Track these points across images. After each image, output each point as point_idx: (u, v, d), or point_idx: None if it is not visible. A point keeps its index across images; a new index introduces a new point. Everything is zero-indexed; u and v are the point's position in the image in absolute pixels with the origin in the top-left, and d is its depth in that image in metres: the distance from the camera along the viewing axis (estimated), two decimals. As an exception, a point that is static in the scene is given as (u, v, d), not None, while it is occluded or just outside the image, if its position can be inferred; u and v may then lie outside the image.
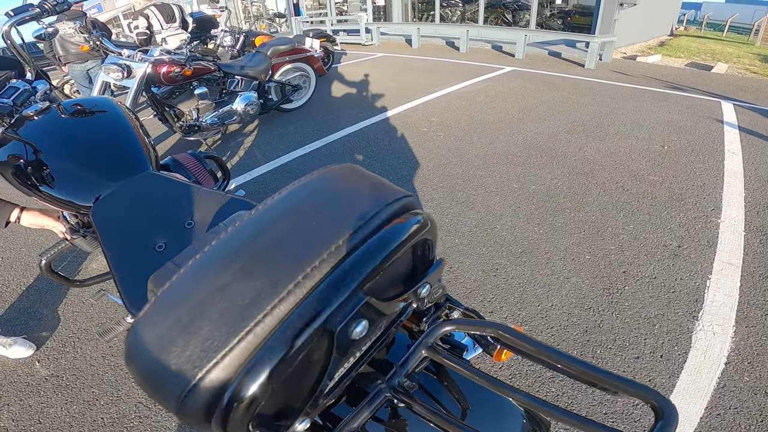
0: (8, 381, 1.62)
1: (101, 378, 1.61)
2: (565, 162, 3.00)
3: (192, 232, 0.97)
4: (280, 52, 3.71)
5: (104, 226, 0.99)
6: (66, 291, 2.06)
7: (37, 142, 1.16)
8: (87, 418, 1.47)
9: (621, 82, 5.12)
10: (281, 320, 0.34)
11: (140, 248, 0.94)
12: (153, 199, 1.07)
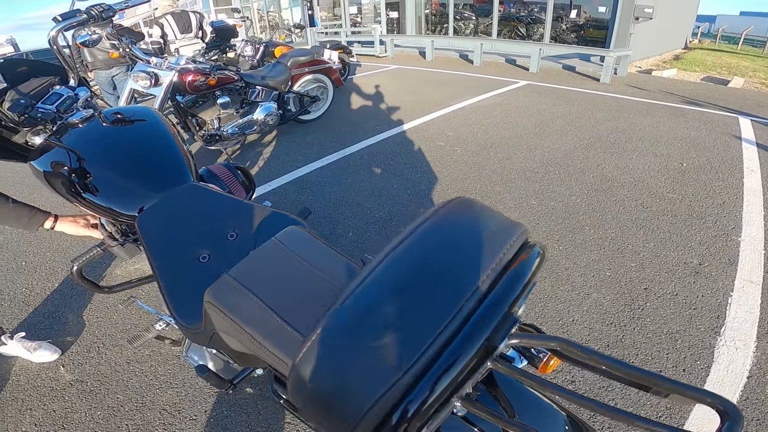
0: (31, 385, 1.63)
1: (126, 384, 1.61)
2: (584, 179, 2.99)
3: (235, 244, 0.99)
4: (299, 63, 3.78)
5: (149, 236, 1.01)
6: (90, 297, 2.09)
7: (80, 149, 1.19)
8: (111, 424, 1.47)
9: (637, 97, 5.11)
10: (444, 346, 0.37)
11: (185, 259, 0.96)
12: (196, 210, 1.09)
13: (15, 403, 1.56)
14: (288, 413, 1.46)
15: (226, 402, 1.52)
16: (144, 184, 1.16)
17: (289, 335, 0.62)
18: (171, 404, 1.52)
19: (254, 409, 1.50)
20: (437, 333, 0.36)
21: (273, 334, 0.62)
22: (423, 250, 0.44)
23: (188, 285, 0.92)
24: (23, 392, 1.60)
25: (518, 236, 0.45)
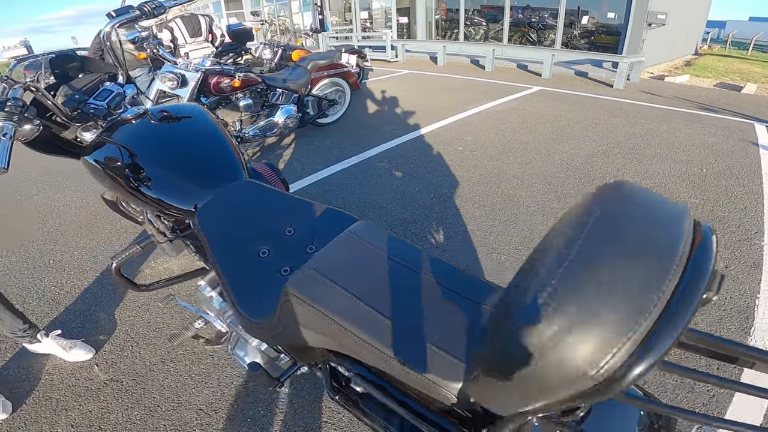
0: (66, 385, 1.62)
1: (161, 383, 1.61)
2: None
3: (293, 239, 1.01)
4: (319, 66, 3.81)
5: (209, 231, 1.02)
6: (121, 295, 2.10)
7: (135, 145, 1.21)
8: (149, 424, 1.46)
9: (652, 103, 5.10)
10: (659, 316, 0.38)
11: (246, 254, 0.97)
12: (252, 206, 1.10)
13: (49, 404, 1.55)
14: (326, 412, 1.46)
15: (261, 401, 1.52)
16: (200, 180, 1.17)
17: (379, 321, 0.62)
18: (207, 404, 1.52)
19: (290, 408, 1.50)
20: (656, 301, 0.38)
21: (362, 321, 0.63)
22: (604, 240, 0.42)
23: (251, 280, 0.92)
24: (57, 392, 1.60)
25: (689, 217, 0.44)
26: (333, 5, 11.66)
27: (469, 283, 0.68)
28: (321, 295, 0.68)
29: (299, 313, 0.71)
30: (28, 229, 2.86)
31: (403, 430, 0.96)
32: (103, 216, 2.98)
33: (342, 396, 1.00)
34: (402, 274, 0.72)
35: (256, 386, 1.58)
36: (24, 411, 1.53)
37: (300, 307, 0.70)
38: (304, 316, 0.70)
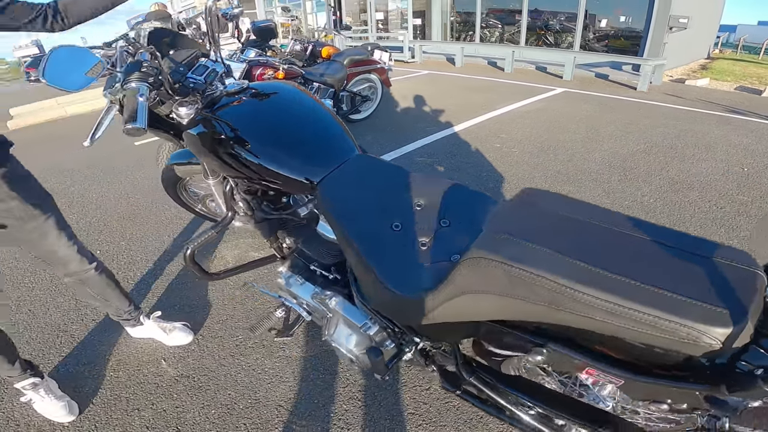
0: (134, 382, 1.54)
1: (235, 379, 1.54)
2: (651, 180, 2.96)
3: (423, 214, 0.96)
4: (355, 61, 3.79)
5: (335, 205, 0.98)
6: (178, 286, 2.05)
7: (242, 121, 1.17)
8: (228, 423, 1.38)
9: (678, 105, 5.09)
10: None
11: (380, 228, 0.93)
12: (374, 180, 1.06)
13: (119, 403, 1.46)
14: (411, 404, 1.40)
15: (341, 396, 1.46)
16: (316, 155, 1.13)
17: (603, 276, 0.59)
18: (286, 399, 1.45)
19: (372, 401, 1.44)
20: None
21: (583, 276, 0.59)
22: None
23: (391, 254, 0.88)
24: (126, 390, 1.51)
25: None
26: (347, 6, 11.68)
27: (684, 239, 0.65)
28: (525, 256, 0.64)
29: (491, 277, 0.66)
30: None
31: (544, 412, 0.92)
32: (145, 207, 2.93)
33: (465, 390, 0.95)
34: (601, 232, 0.68)
35: (353, 376, 1.51)
36: (93, 412, 1.43)
37: (494, 271, 0.65)
38: (498, 281, 0.65)
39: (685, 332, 0.53)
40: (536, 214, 0.75)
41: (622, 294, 0.56)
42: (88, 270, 1.39)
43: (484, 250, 0.67)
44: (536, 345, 0.72)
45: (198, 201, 2.20)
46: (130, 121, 0.99)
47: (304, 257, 1.39)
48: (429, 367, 1.18)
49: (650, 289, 0.56)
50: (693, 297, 0.55)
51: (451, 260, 0.83)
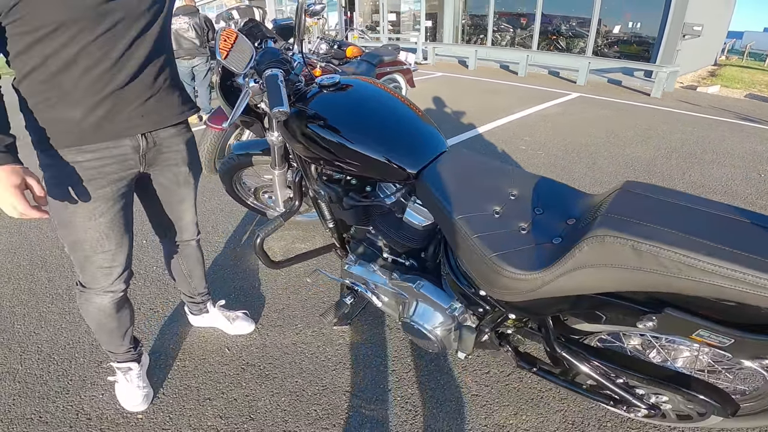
0: (201, 372, 1.54)
1: (299, 366, 1.57)
2: (674, 185, 3.06)
3: (518, 203, 1.05)
4: (384, 62, 3.87)
5: (439, 195, 1.06)
6: (233, 277, 2.10)
7: (336, 112, 1.25)
8: (299, 410, 1.41)
9: (692, 112, 5.21)
10: None
11: (484, 214, 1.02)
12: (470, 171, 1.15)
13: (190, 393, 1.47)
14: (476, 386, 1.46)
15: (405, 380, 1.51)
16: (415, 146, 1.20)
17: (716, 248, 0.70)
18: (351, 385, 1.50)
19: (436, 384, 1.49)
20: None
21: (703, 248, 0.70)
22: None
23: (496, 236, 0.97)
24: (195, 380, 1.52)
25: None
26: (360, 6, 11.76)
27: (764, 217, 0.77)
28: (648, 233, 0.74)
29: (617, 252, 0.76)
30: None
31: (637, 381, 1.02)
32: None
33: (567, 351, 1.04)
34: (701, 214, 0.79)
35: (430, 357, 1.57)
36: (165, 403, 1.44)
37: (621, 247, 0.75)
38: (626, 255, 0.75)
39: None
40: (644, 200, 0.85)
41: (737, 261, 0.67)
42: (192, 240, 1.46)
43: (608, 229, 0.77)
44: (647, 313, 0.82)
45: (250, 194, 2.27)
46: (277, 105, 1.05)
47: (376, 246, 1.45)
48: (503, 347, 1.27)
49: (756, 257, 0.67)
50: None
51: (553, 242, 0.93)
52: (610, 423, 1.33)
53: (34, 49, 0.87)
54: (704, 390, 0.92)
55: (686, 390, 0.92)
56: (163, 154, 1.17)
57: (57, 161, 0.98)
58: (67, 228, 1.06)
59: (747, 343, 0.75)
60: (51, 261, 2.33)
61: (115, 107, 0.99)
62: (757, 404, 1.00)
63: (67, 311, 1.91)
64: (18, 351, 1.69)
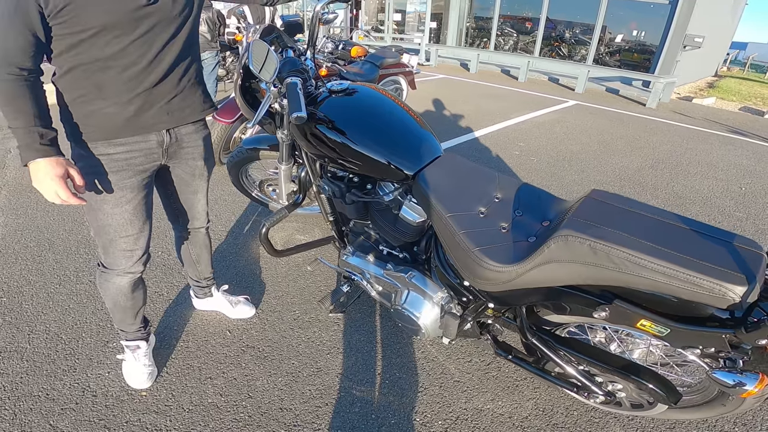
0: (204, 352, 1.64)
1: (296, 350, 1.67)
2: (657, 194, 3.20)
3: (501, 205, 1.18)
4: (387, 64, 3.97)
5: (433, 194, 1.18)
6: (239, 266, 2.18)
7: (343, 115, 1.36)
8: (294, 390, 1.51)
9: (685, 124, 5.35)
10: None
11: (470, 213, 1.15)
12: (460, 175, 1.27)
13: (193, 372, 1.57)
14: (459, 373, 1.57)
15: (394, 365, 1.62)
16: (413, 150, 1.32)
17: (658, 250, 0.83)
18: (345, 368, 1.60)
19: (422, 370, 1.61)
20: None
21: (647, 250, 0.83)
22: None
23: (481, 234, 1.09)
24: (197, 359, 1.62)
25: None
26: (365, 5, 11.81)
27: (713, 230, 0.91)
28: (604, 235, 0.88)
29: (578, 250, 0.89)
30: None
31: (594, 369, 1.16)
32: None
33: (538, 339, 1.18)
34: (654, 222, 0.92)
35: (424, 342, 1.69)
36: (168, 381, 1.53)
37: (580, 246, 0.88)
38: (584, 253, 0.89)
39: (717, 289, 0.77)
40: (604, 206, 0.99)
41: (673, 260, 0.81)
42: (202, 228, 1.56)
43: (572, 230, 0.90)
44: (601, 303, 0.95)
45: (255, 186, 2.39)
46: (296, 110, 1.15)
47: (372, 239, 1.58)
48: (484, 336, 1.40)
49: (692, 259, 0.81)
50: (721, 265, 0.79)
51: (528, 240, 1.06)
52: (576, 411, 1.46)
53: (76, 49, 0.96)
54: (651, 379, 1.05)
55: (636, 378, 1.06)
56: (183, 149, 1.28)
57: (89, 153, 1.08)
58: (95, 213, 1.16)
59: (681, 333, 0.88)
60: (58, 243, 2.42)
61: (145, 105, 1.09)
62: (699, 396, 1.13)
63: (74, 292, 2.00)
64: (26, 330, 1.77)
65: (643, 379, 1.06)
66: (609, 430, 1.39)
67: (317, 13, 1.46)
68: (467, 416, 1.45)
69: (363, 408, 1.47)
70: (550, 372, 1.31)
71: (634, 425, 1.40)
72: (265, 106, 1.32)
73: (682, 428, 1.39)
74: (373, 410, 1.46)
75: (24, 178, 3.44)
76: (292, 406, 1.46)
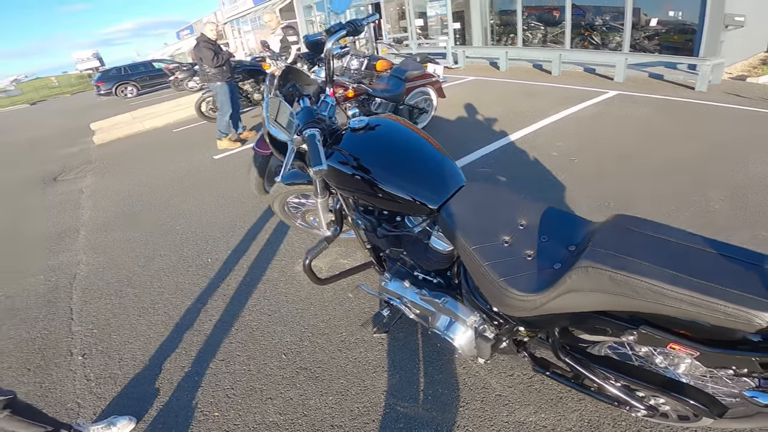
0: (264, 374, 1.80)
1: (344, 369, 1.78)
2: (716, 186, 2.92)
3: (526, 231, 1.19)
4: (413, 76, 4.05)
5: (457, 227, 1.21)
6: (285, 293, 2.34)
7: (365, 154, 1.41)
8: (344, 408, 1.61)
9: (740, 105, 4.92)
10: None
11: (494, 243, 1.17)
12: (483, 205, 1.29)
13: (255, 393, 1.73)
14: (500, 387, 1.59)
15: (436, 382, 1.67)
16: (435, 183, 1.35)
17: (683, 279, 0.83)
18: (389, 386, 1.68)
19: (464, 386, 1.64)
20: None
21: (670, 279, 0.83)
22: None
23: (504, 263, 1.11)
24: (258, 381, 1.78)
25: None
26: (386, 13, 11.96)
27: (741, 252, 0.88)
28: (623, 265, 0.88)
29: (597, 280, 0.91)
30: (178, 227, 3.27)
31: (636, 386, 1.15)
32: (240, 217, 3.34)
33: (571, 358, 1.18)
34: (678, 247, 0.91)
35: (461, 361, 1.74)
36: (234, 402, 1.70)
37: (600, 276, 0.90)
38: (604, 283, 0.90)
39: (743, 315, 0.76)
40: (627, 233, 0.98)
41: (696, 289, 0.80)
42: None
43: (591, 261, 0.92)
44: (629, 328, 0.96)
45: (297, 216, 2.54)
46: (316, 164, 1.17)
47: (408, 265, 1.64)
48: (521, 353, 1.42)
49: (716, 286, 0.80)
50: (747, 291, 0.78)
51: (554, 267, 1.06)
52: (624, 422, 1.43)
53: None
54: (691, 394, 1.04)
55: (675, 394, 1.05)
56: None
57: None
58: None
59: (710, 356, 0.88)
60: (135, 279, 2.71)
61: None
62: (747, 408, 1.09)
63: (153, 323, 2.27)
64: (117, 358, 2.05)
65: (682, 395, 1.05)
66: (660, 440, 1.35)
67: (329, 51, 1.52)
68: (509, 429, 1.48)
69: (407, 424, 1.54)
70: (589, 387, 1.32)
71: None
72: (289, 161, 1.38)
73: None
74: (416, 426, 1.53)
75: (99, 217, 3.85)
76: (341, 423, 1.57)
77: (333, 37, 1.53)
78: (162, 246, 3.09)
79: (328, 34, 1.55)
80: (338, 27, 1.55)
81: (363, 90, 3.59)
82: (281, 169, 1.41)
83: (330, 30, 1.54)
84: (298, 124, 1.40)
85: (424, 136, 1.52)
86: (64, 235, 3.57)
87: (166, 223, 3.47)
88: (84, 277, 2.82)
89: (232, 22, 23.29)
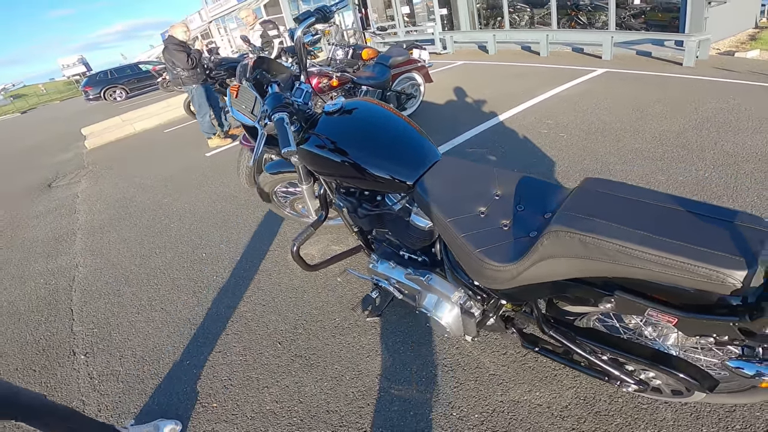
0: (260, 364, 1.82)
1: (338, 355, 1.79)
2: (704, 155, 2.97)
3: (501, 202, 1.17)
4: (398, 63, 4.02)
5: (432, 201, 1.20)
6: (279, 282, 2.35)
7: (341, 136, 1.41)
8: (339, 393, 1.62)
9: (729, 79, 4.92)
10: None
11: (470, 215, 1.15)
12: (459, 178, 1.27)
13: (252, 383, 1.73)
14: (494, 367, 1.60)
15: (430, 364, 1.67)
16: (410, 160, 1.35)
17: (654, 239, 0.79)
18: (383, 370, 1.69)
19: (457, 366, 1.64)
20: None
21: (640, 240, 0.80)
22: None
23: (482, 234, 1.10)
24: (254, 371, 1.78)
25: None
26: (373, 2, 11.83)
27: (714, 210, 0.84)
28: (592, 227, 0.85)
29: (568, 244, 0.88)
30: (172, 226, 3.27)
31: (617, 356, 1.13)
32: (232, 213, 3.33)
33: (555, 331, 1.17)
34: (648, 207, 0.88)
35: (445, 341, 1.74)
36: (233, 392, 1.72)
37: (570, 240, 0.87)
38: (575, 247, 0.87)
39: (715, 275, 0.71)
40: (597, 195, 0.95)
41: (667, 249, 0.76)
42: None
43: (561, 225, 0.89)
44: (605, 295, 0.93)
45: (286, 204, 2.53)
46: (284, 146, 1.20)
47: (394, 245, 1.63)
48: (509, 329, 1.41)
49: (688, 245, 0.76)
50: (719, 249, 0.73)
51: (530, 236, 1.04)
52: (621, 398, 1.41)
53: None
54: (681, 368, 1.01)
55: (664, 367, 1.02)
56: None
57: None
58: None
59: (688, 322, 0.84)
60: (132, 278, 2.72)
61: None
62: (740, 382, 1.05)
63: (151, 319, 2.27)
64: (118, 355, 2.07)
65: (672, 368, 1.02)
66: (658, 415, 1.33)
67: (299, 39, 1.50)
68: (503, 408, 1.47)
69: (402, 406, 1.54)
70: (579, 362, 1.30)
71: (687, 408, 1.33)
72: (260, 146, 1.38)
73: (744, 410, 1.30)
74: (411, 407, 1.54)
75: (94, 220, 3.84)
76: (337, 408, 1.58)
77: (302, 25, 1.50)
78: (157, 244, 3.09)
79: (297, 22, 1.54)
80: (307, 15, 1.54)
81: (348, 78, 3.57)
82: (254, 154, 1.40)
83: (298, 18, 1.53)
84: (266, 109, 1.40)
85: (400, 115, 1.52)
86: (62, 240, 3.57)
87: (160, 222, 3.46)
88: (83, 279, 2.83)
89: (218, 20, 22.98)
